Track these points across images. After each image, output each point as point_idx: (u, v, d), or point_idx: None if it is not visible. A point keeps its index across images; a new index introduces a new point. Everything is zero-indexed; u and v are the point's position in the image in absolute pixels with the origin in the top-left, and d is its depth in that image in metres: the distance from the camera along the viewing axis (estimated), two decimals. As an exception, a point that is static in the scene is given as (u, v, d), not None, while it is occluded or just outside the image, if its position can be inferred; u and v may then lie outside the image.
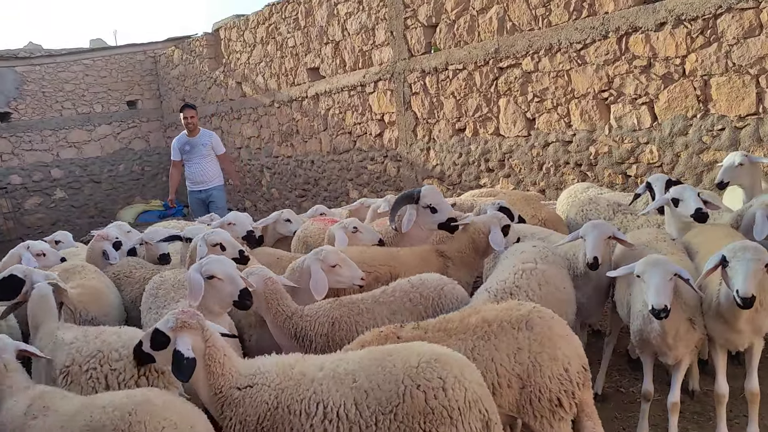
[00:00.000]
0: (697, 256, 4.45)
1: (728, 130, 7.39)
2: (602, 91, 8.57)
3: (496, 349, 3.17)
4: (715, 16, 7.25)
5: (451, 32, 10.52)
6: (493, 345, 3.18)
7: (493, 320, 3.28)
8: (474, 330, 3.26)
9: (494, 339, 3.19)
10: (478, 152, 10.46)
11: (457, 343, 3.22)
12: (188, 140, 10.73)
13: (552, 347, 3.16)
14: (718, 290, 3.79)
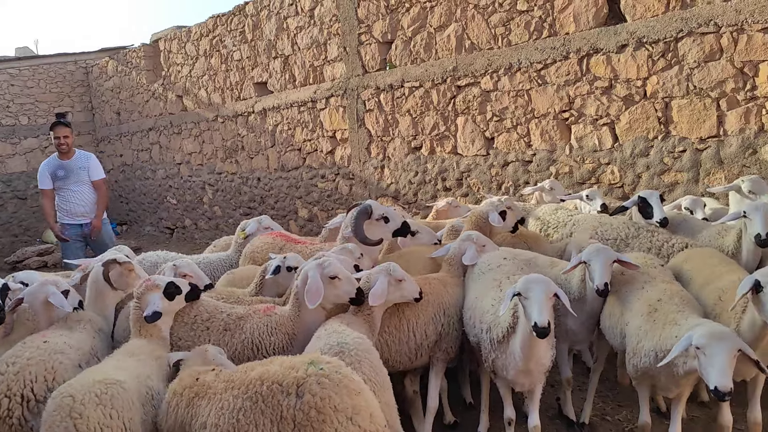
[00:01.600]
0: (692, 283, 4.31)
1: (689, 152, 7.46)
2: (563, 111, 8.54)
3: (261, 413, 2.77)
4: (676, 39, 7.33)
5: (408, 49, 10.33)
6: (260, 409, 2.78)
7: (268, 378, 2.87)
8: (248, 387, 2.89)
9: (261, 402, 2.79)
10: (435, 171, 10.27)
11: (230, 399, 2.90)
12: (61, 164, 8.58)
13: (320, 422, 2.68)
14: (740, 317, 3.63)
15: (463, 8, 9.44)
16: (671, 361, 3.45)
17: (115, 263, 4.61)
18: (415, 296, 4.18)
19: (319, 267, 3.94)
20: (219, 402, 2.96)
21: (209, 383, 3.12)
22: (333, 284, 3.93)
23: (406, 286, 4.13)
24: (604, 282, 4.05)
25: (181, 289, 3.97)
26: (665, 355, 3.50)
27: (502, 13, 8.98)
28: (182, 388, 3.21)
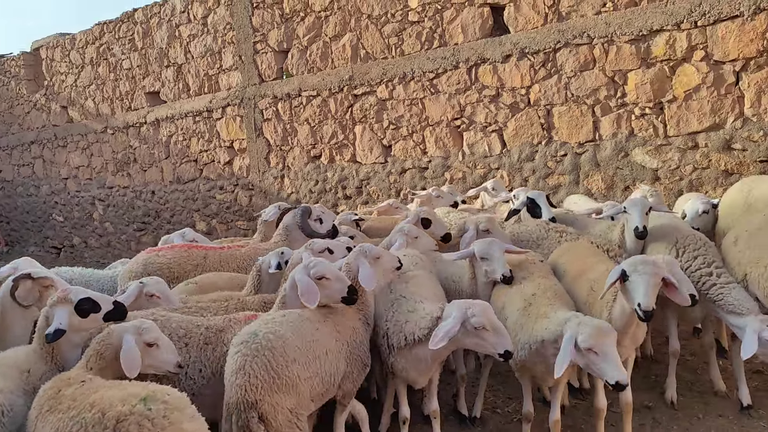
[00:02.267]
0: (566, 275, 4.58)
1: (570, 155, 7.96)
2: (455, 119, 8.87)
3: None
4: (555, 50, 7.82)
5: (304, 58, 10.37)
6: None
7: (99, 405, 2.69)
8: (80, 410, 2.72)
9: (82, 430, 2.62)
10: (335, 179, 10.34)
11: (65, 420, 2.73)
12: None
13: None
14: (611, 306, 3.89)
15: (357, 18, 9.61)
16: (548, 354, 3.67)
17: (28, 278, 4.08)
18: (396, 266, 4.16)
19: (305, 269, 3.79)
20: (57, 421, 2.74)
21: (63, 398, 2.87)
22: (321, 285, 3.73)
23: (385, 261, 4.09)
24: (508, 271, 4.28)
25: (99, 307, 3.55)
26: (537, 348, 3.72)
27: (394, 24, 9.22)
28: (42, 399, 2.94)
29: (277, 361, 3.20)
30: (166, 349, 3.42)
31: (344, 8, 9.72)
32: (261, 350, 3.20)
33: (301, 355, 3.33)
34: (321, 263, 3.85)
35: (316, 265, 3.81)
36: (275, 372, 3.17)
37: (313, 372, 3.38)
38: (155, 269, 5.41)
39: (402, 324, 3.91)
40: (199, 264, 5.51)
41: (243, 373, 3.14)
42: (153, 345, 3.37)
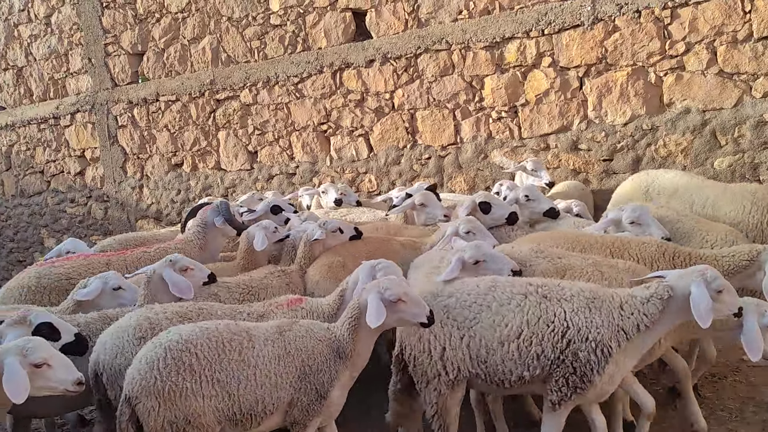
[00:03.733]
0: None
1: (434, 158, 8.16)
2: (321, 123, 8.80)
3: None
4: (416, 55, 8.00)
5: (161, 61, 9.84)
6: None
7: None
8: None
9: None
10: (198, 188, 9.88)
11: None
12: None
13: None
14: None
15: (216, 21, 9.27)
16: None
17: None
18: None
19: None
20: None
21: None
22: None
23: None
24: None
25: (58, 336, 3.33)
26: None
27: (256, 27, 9.00)
28: None
29: (169, 367, 2.99)
30: (60, 367, 3.11)
31: (203, 10, 9.34)
32: (161, 349, 3.04)
33: (209, 369, 3.06)
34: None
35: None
36: (162, 376, 2.97)
37: (222, 391, 3.07)
38: (52, 280, 4.96)
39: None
40: (102, 272, 5.07)
41: (136, 363, 3.06)
42: (42, 365, 3.05)
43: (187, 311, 3.59)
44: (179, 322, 3.45)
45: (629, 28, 6.90)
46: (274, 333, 3.28)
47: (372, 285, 3.33)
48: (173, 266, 4.07)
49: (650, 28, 6.81)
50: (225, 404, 3.07)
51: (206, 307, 3.66)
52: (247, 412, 3.14)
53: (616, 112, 7.11)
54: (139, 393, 2.95)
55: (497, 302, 3.34)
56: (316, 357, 3.27)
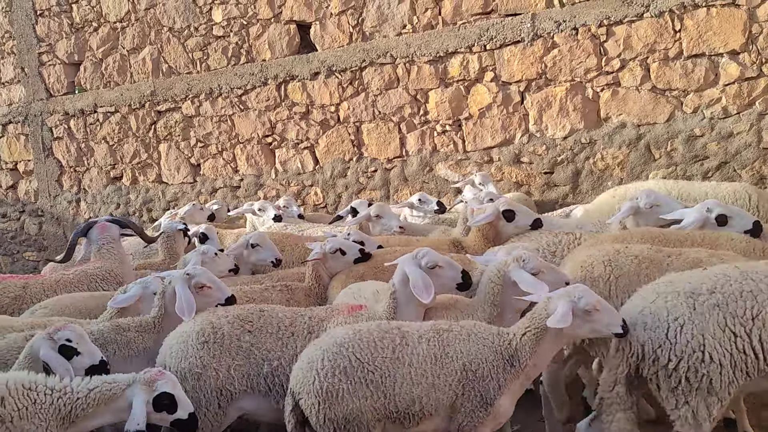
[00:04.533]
0: None
1: (380, 171, 8.17)
2: (266, 136, 8.70)
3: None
4: (361, 68, 8.01)
5: (99, 72, 9.56)
6: None
7: None
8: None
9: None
10: (139, 201, 9.61)
11: None
12: None
13: None
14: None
15: (157, 31, 9.08)
16: None
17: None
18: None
19: (414, 259, 3.49)
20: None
21: None
22: (435, 274, 3.47)
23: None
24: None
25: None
26: None
27: (198, 38, 8.85)
28: None
29: (326, 369, 3.05)
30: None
31: (142, 20, 9.13)
32: (320, 351, 3.10)
33: (362, 371, 3.06)
34: (429, 252, 3.51)
35: (426, 253, 3.48)
36: (320, 377, 3.04)
37: (377, 391, 3.05)
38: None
39: None
40: (19, 296, 4.93)
41: (300, 361, 3.13)
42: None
43: (248, 314, 3.55)
44: (241, 326, 3.47)
45: (567, 44, 7.09)
46: (429, 331, 3.18)
47: (563, 293, 3.12)
48: (189, 281, 3.78)
49: (587, 45, 7.02)
50: (381, 403, 3.05)
51: (267, 309, 3.61)
52: (404, 411, 3.08)
53: (556, 126, 7.28)
54: (301, 390, 3.06)
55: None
56: (481, 362, 3.09)
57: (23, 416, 2.86)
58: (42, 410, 2.89)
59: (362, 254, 4.59)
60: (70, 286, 5.05)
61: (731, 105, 6.66)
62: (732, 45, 6.56)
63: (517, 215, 4.97)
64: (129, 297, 4.10)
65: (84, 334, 3.33)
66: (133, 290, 4.14)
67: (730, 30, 6.53)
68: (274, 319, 3.52)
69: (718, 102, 6.70)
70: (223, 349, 3.38)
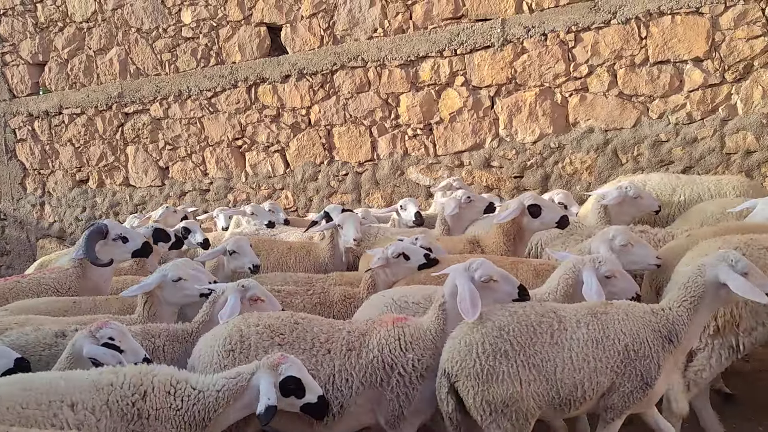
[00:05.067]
0: None
1: (351, 175, 8.15)
2: (236, 139, 8.62)
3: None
4: (332, 72, 7.99)
5: (65, 72, 9.36)
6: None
7: None
8: None
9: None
10: (105, 205, 9.43)
11: None
12: None
13: None
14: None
15: (124, 32, 8.93)
16: None
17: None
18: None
19: (467, 271, 3.23)
20: None
21: None
22: (489, 288, 3.22)
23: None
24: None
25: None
26: None
27: (167, 39, 8.73)
28: None
29: (487, 352, 3.00)
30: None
31: (109, 20, 8.98)
32: (479, 334, 3.04)
33: (523, 354, 3.01)
34: (484, 264, 3.28)
35: (480, 266, 3.24)
36: (480, 360, 2.99)
37: (539, 376, 3.00)
38: None
39: None
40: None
41: (455, 343, 3.07)
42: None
43: (281, 324, 3.35)
44: (270, 337, 3.28)
45: (536, 50, 7.17)
46: (586, 315, 3.10)
47: (716, 257, 3.14)
48: (244, 293, 3.67)
49: (556, 51, 7.10)
50: (543, 388, 3.00)
51: (302, 320, 3.40)
52: (566, 397, 3.02)
53: (526, 130, 7.35)
54: (458, 372, 3.02)
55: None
56: (642, 342, 3.05)
57: (158, 417, 2.77)
58: (177, 416, 2.80)
59: (428, 260, 4.22)
60: (21, 293, 4.76)
61: (695, 111, 6.81)
62: (696, 52, 6.70)
63: (544, 211, 4.72)
64: (144, 285, 3.95)
65: (126, 332, 3.21)
66: (152, 278, 4.00)
67: (694, 37, 6.67)
68: (308, 334, 3.30)
69: (682, 108, 6.84)
70: (248, 360, 3.14)
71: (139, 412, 2.74)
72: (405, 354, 3.22)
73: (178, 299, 4.01)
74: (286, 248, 5.61)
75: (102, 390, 2.73)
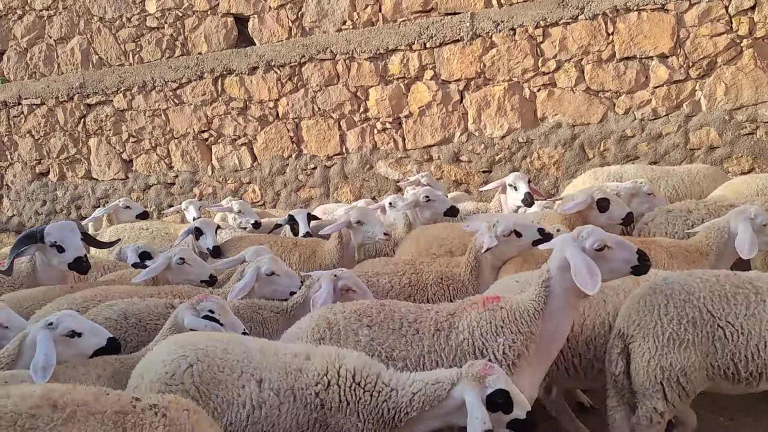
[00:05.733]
0: None
1: (319, 168, 8.06)
2: (202, 131, 8.46)
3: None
4: (300, 64, 7.89)
5: (24, 62, 9.07)
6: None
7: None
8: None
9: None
10: (66, 198, 9.17)
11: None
12: None
13: None
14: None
15: (87, 20, 8.69)
16: None
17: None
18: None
19: (576, 240, 2.94)
20: None
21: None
22: (603, 257, 2.93)
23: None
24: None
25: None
26: None
27: (131, 29, 8.52)
28: None
29: (671, 315, 2.91)
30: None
31: (71, 8, 8.73)
32: (663, 296, 2.95)
33: (711, 325, 2.89)
34: (595, 231, 2.97)
35: (591, 233, 2.95)
36: (663, 323, 2.92)
37: (723, 350, 2.88)
38: None
39: None
40: None
41: (633, 303, 3.01)
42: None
43: (367, 309, 3.20)
44: (358, 320, 3.14)
45: (505, 44, 7.17)
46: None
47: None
48: (335, 281, 3.62)
49: (524, 46, 7.12)
50: (726, 363, 2.85)
51: (388, 305, 3.24)
52: (754, 371, 2.85)
53: (495, 125, 7.35)
54: (634, 332, 2.94)
55: None
56: None
57: (342, 409, 2.63)
58: (364, 410, 2.62)
59: (543, 235, 3.88)
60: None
61: (660, 107, 6.88)
62: (661, 48, 6.78)
63: (612, 205, 4.53)
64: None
65: (225, 305, 3.25)
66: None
67: (659, 34, 6.74)
68: (396, 314, 3.16)
69: (648, 104, 6.92)
70: (340, 345, 3.01)
71: (322, 402, 2.63)
72: (495, 339, 2.96)
73: (267, 293, 3.98)
74: (292, 244, 5.30)
75: (290, 375, 2.65)
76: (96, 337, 3.08)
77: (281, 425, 2.61)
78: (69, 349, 3.00)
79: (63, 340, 2.98)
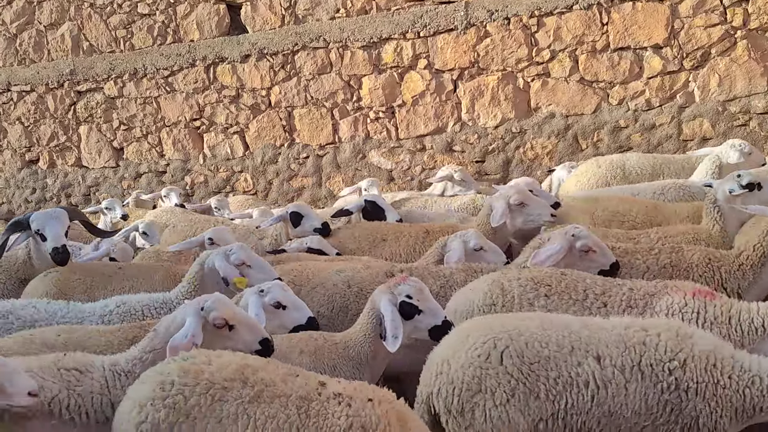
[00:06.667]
0: None
1: (312, 157, 8.02)
2: (194, 119, 8.39)
3: None
4: (293, 52, 7.82)
5: (13, 48, 8.96)
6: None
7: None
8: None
9: None
10: (57, 186, 9.09)
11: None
12: None
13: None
14: None
15: (77, 6, 8.59)
16: None
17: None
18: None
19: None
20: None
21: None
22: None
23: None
24: None
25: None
26: None
27: (122, 15, 8.43)
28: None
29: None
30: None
31: (61, -7, 8.63)
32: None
33: None
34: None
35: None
36: None
37: None
38: None
39: None
40: None
41: None
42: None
43: (545, 277, 3.04)
44: (535, 288, 2.97)
45: (499, 34, 7.14)
46: None
47: None
48: (573, 241, 3.38)
49: (519, 35, 7.08)
50: None
51: (570, 273, 3.09)
52: None
53: (488, 115, 7.33)
54: None
55: None
56: None
57: (699, 392, 2.34)
58: (723, 395, 2.33)
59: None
60: None
61: (654, 97, 6.87)
62: (655, 39, 6.76)
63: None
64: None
65: (424, 289, 2.94)
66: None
67: (653, 24, 6.72)
68: (579, 284, 2.94)
69: (641, 94, 6.90)
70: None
71: (677, 382, 2.34)
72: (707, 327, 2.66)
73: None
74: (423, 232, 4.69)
75: (633, 348, 2.37)
76: (298, 313, 3.09)
77: (629, 406, 2.34)
78: (272, 319, 3.01)
79: (269, 308, 3.02)
